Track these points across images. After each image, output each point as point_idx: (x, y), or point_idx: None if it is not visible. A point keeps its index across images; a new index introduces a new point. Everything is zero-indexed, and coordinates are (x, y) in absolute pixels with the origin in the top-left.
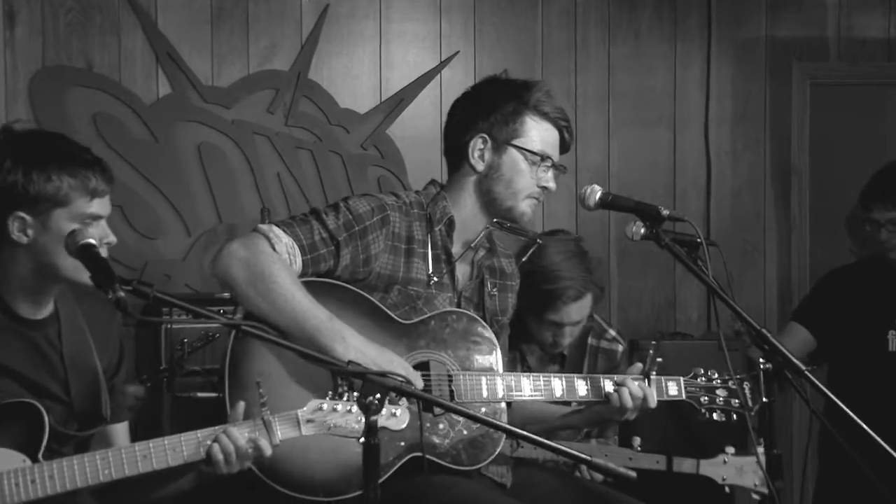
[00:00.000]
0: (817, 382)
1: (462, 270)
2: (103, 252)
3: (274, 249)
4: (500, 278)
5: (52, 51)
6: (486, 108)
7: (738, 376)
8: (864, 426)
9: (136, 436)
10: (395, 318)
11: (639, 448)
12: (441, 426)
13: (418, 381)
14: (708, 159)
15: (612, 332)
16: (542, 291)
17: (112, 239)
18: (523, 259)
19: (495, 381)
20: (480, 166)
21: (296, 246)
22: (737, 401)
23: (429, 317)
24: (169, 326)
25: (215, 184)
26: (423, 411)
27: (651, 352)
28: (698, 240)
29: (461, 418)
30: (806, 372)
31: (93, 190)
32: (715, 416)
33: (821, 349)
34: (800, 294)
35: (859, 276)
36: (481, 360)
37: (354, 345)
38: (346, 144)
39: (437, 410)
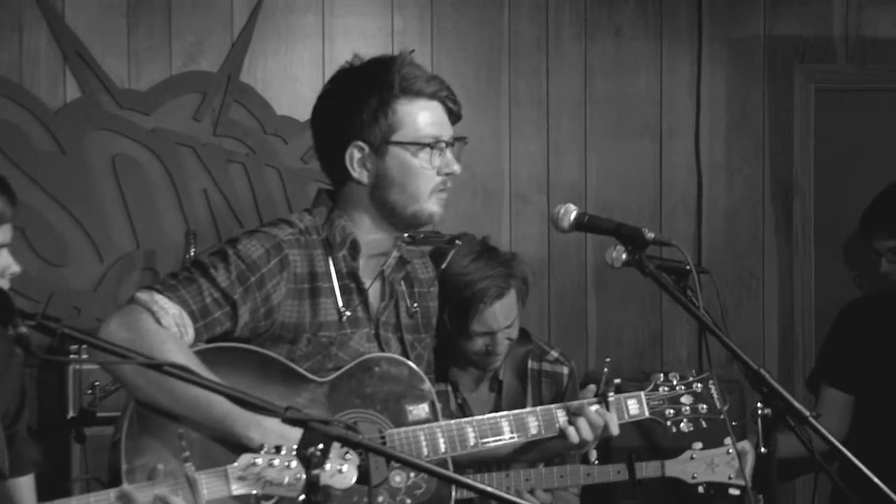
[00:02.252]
0: (824, 431)
1: (374, 293)
2: (4, 283)
3: (160, 324)
4: (417, 287)
5: None
6: (349, 111)
7: (703, 375)
8: (881, 484)
9: (42, 492)
10: (312, 377)
11: (595, 461)
12: (398, 478)
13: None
14: (699, 175)
15: (555, 353)
16: (460, 301)
17: (16, 269)
18: (442, 266)
19: (435, 434)
20: (366, 177)
21: (185, 314)
22: (704, 405)
23: (348, 370)
24: (78, 367)
25: (132, 202)
26: (376, 465)
27: (605, 370)
28: (687, 267)
29: (417, 473)
30: (811, 419)
31: None
32: (683, 426)
33: (861, 407)
34: (804, 329)
35: (883, 310)
36: (416, 411)
37: (272, 428)
38: (284, 157)
39: (392, 464)
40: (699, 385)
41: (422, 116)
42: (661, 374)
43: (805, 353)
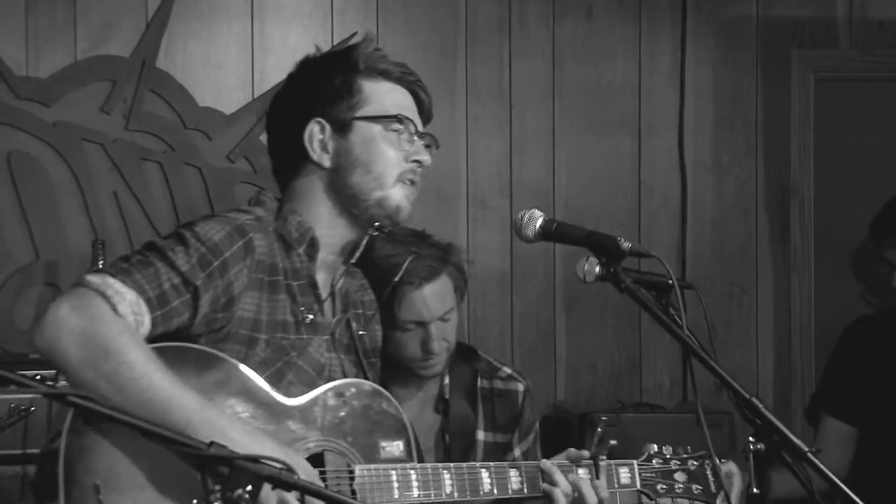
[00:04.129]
0: (825, 469)
1: (326, 305)
2: None
3: (116, 312)
4: (363, 308)
5: None
6: (311, 91)
7: (700, 453)
8: None
9: None
10: (277, 396)
11: None
12: None
13: (318, 483)
14: (683, 176)
15: (507, 370)
16: (383, 287)
17: None
18: (352, 260)
19: (408, 474)
20: (326, 159)
21: (142, 301)
22: (698, 486)
23: (320, 393)
24: None
25: (30, 206)
26: None
27: (600, 429)
28: (670, 281)
29: None
30: (810, 454)
31: None
32: None
33: (865, 439)
34: (802, 352)
35: (893, 331)
36: (389, 447)
37: (241, 441)
38: (207, 155)
39: None
40: (694, 463)
41: (389, 96)
42: (654, 446)
43: (803, 379)
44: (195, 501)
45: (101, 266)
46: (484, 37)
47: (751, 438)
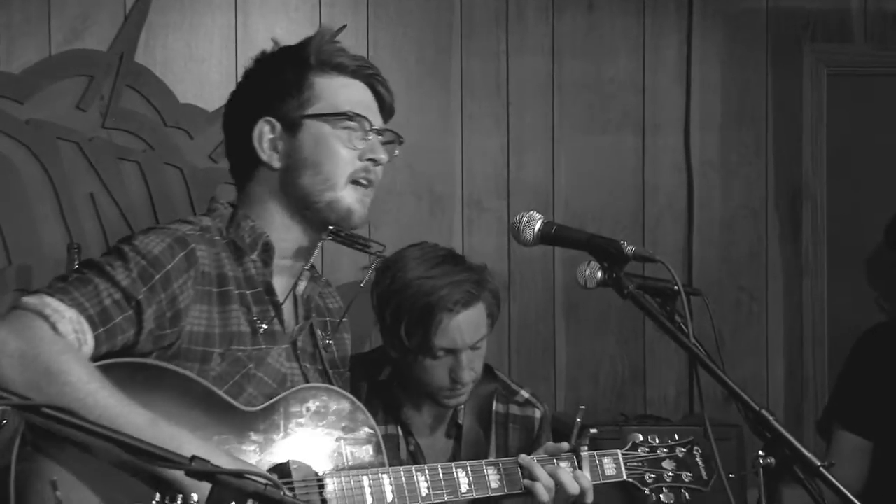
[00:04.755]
0: (838, 484)
1: (286, 311)
2: None
3: (56, 331)
4: (329, 316)
5: None
6: (261, 88)
7: (687, 440)
8: None
9: None
10: (239, 406)
11: None
12: None
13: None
14: (689, 176)
15: (525, 394)
16: (418, 310)
17: None
18: (362, 283)
19: (381, 480)
20: (276, 160)
21: (83, 319)
22: (689, 473)
23: (279, 400)
24: None
25: (2, 209)
26: None
27: (578, 420)
28: (675, 287)
29: None
30: (822, 469)
31: None
32: (663, 497)
33: (880, 453)
34: (815, 361)
35: None
36: (357, 452)
37: (199, 455)
38: (189, 154)
39: None
40: (682, 450)
41: (343, 92)
42: (639, 435)
43: (816, 390)
44: (157, 497)
45: (38, 288)
46: (480, 31)
47: (761, 452)
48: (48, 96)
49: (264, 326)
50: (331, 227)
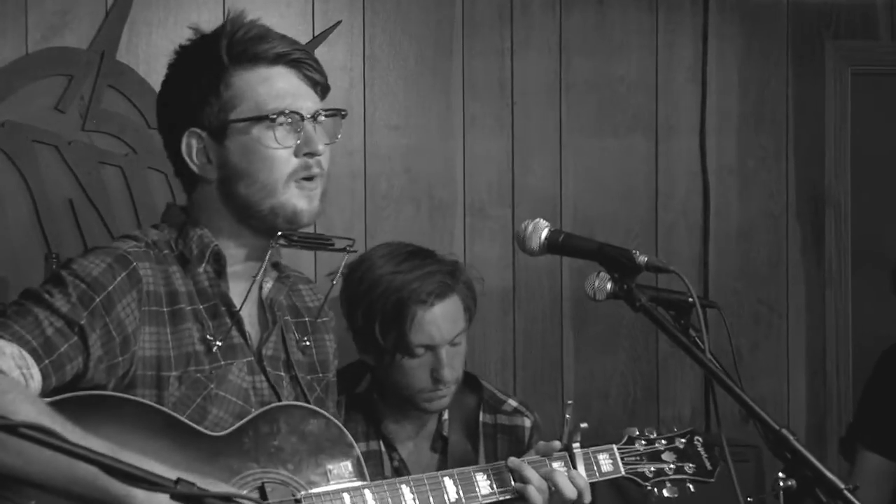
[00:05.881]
0: None
1: (250, 319)
2: None
3: None
4: (307, 315)
5: None
6: (180, 93)
7: (686, 430)
8: None
9: None
10: (203, 431)
11: None
12: None
13: None
14: (705, 181)
15: (513, 403)
16: (391, 306)
17: None
18: (333, 280)
19: (363, 496)
20: (211, 171)
21: (25, 353)
22: (691, 465)
23: (249, 421)
24: None
25: None
26: None
27: (568, 416)
28: (690, 299)
29: None
30: (846, 492)
31: None
32: (666, 492)
33: None
34: (839, 378)
35: None
36: (337, 470)
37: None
38: None
39: None
40: (682, 441)
41: (264, 87)
42: (635, 429)
43: (839, 408)
44: None
45: None
46: (482, 27)
47: (781, 474)
48: (25, 97)
49: (218, 344)
50: (280, 234)
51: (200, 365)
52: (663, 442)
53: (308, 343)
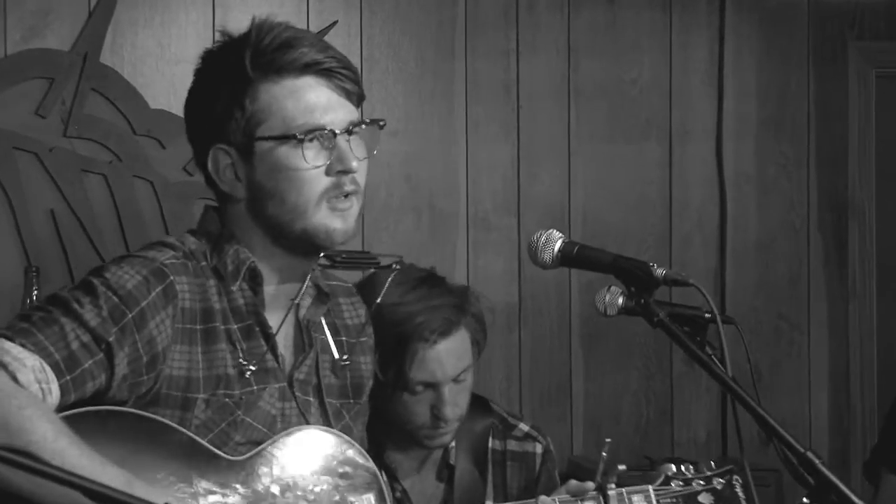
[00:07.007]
0: None
1: (285, 340)
2: None
3: (17, 381)
4: (346, 335)
5: None
6: (204, 106)
7: (725, 468)
8: None
9: None
10: (222, 454)
11: None
12: None
13: None
14: (722, 190)
15: (524, 427)
16: (395, 339)
17: None
18: (378, 299)
19: None
20: (240, 189)
21: (46, 367)
22: None
23: (267, 445)
24: None
25: None
26: None
27: (604, 454)
28: (708, 314)
29: None
30: None
31: None
32: None
33: None
34: (863, 398)
35: None
36: (358, 501)
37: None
38: (160, 165)
39: None
40: (720, 481)
41: (291, 100)
42: (672, 465)
43: (864, 429)
44: None
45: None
46: (487, 27)
47: (805, 500)
48: (3, 101)
49: (252, 368)
50: (323, 255)
51: (230, 389)
52: (700, 482)
53: (346, 362)
